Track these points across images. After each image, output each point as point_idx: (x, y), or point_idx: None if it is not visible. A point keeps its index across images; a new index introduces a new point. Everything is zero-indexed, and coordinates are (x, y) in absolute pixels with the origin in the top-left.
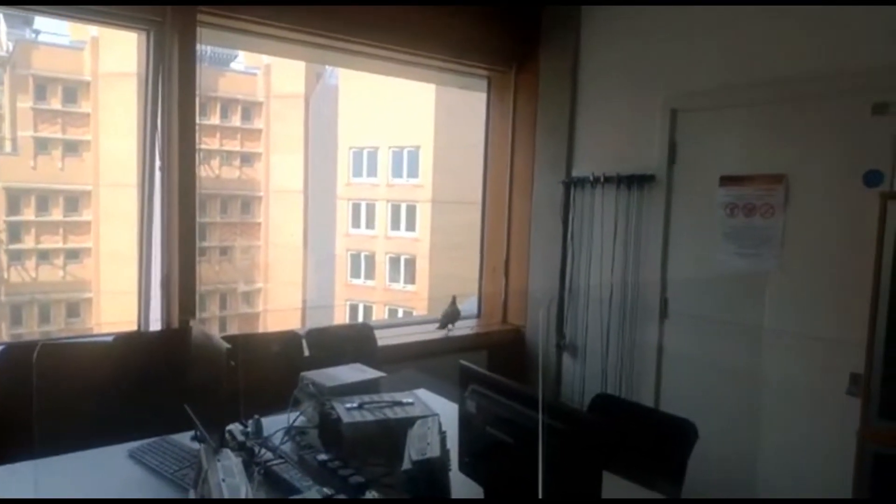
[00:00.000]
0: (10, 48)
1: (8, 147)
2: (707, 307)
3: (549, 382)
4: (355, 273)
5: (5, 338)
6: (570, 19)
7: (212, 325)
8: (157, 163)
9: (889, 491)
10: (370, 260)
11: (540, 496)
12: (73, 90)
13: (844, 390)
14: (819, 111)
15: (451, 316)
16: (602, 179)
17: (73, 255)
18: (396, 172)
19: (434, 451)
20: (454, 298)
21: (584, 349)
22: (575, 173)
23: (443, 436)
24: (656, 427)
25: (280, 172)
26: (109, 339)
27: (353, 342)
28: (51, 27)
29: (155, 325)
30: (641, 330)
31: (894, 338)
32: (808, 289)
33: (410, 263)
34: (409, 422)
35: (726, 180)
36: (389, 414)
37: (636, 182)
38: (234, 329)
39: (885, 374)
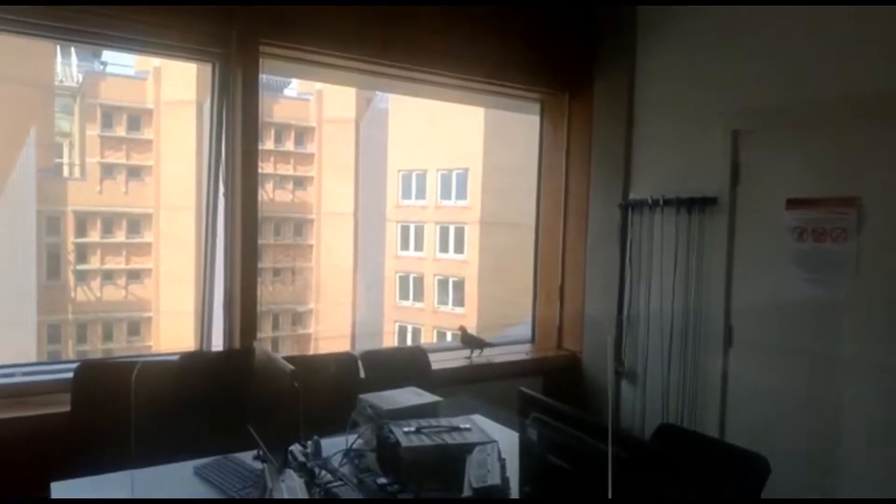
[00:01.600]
0: (80, 79)
1: (77, 172)
2: (776, 335)
3: (606, 410)
4: (404, 295)
5: (71, 355)
6: (626, 41)
7: (266, 345)
8: (221, 188)
9: None
10: (419, 282)
11: None
12: (137, 118)
13: None
14: (893, 130)
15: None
16: (661, 202)
17: (134, 275)
18: (445, 195)
19: (494, 479)
20: (462, 329)
21: (643, 377)
22: (632, 196)
23: (502, 463)
24: (725, 460)
25: (331, 195)
26: (175, 357)
27: (407, 365)
28: (117, 59)
29: (215, 345)
30: (705, 358)
31: None
32: (884, 316)
33: (459, 286)
34: (468, 448)
35: (793, 203)
36: (448, 439)
37: (697, 205)
38: (286, 349)
39: None
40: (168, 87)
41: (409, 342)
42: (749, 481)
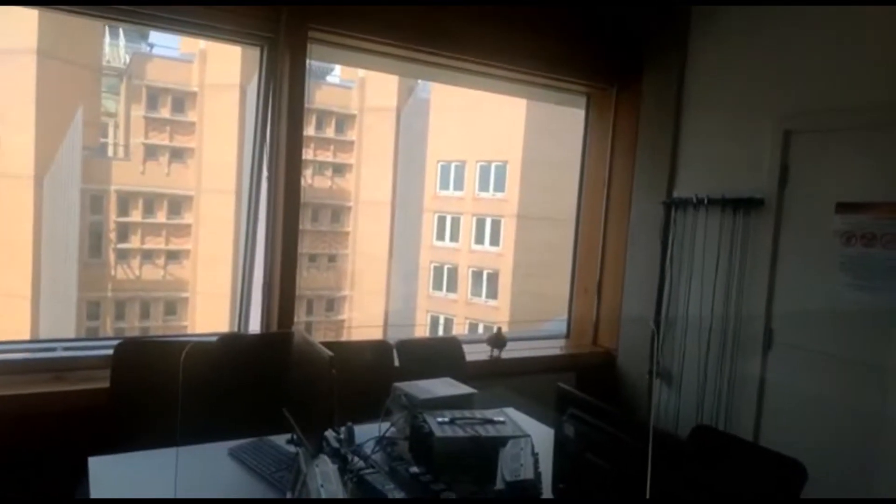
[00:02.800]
0: (127, 60)
1: (121, 152)
2: (818, 340)
3: (641, 409)
4: (437, 285)
5: (109, 331)
6: (677, 37)
7: (303, 330)
8: (265, 172)
9: None
10: (453, 273)
11: None
12: (181, 100)
13: None
14: None
15: (498, 342)
16: (706, 201)
17: (173, 256)
18: (483, 187)
19: (527, 473)
20: (499, 329)
21: (679, 377)
22: (676, 194)
23: (535, 457)
24: (762, 464)
25: (370, 184)
26: (214, 339)
27: (442, 355)
28: (163, 40)
29: (252, 328)
30: (743, 361)
31: None
32: None
33: (493, 278)
34: (502, 441)
35: (843, 207)
36: (481, 431)
37: (743, 205)
38: (319, 335)
39: None
40: (213, 70)
41: (440, 332)
42: (784, 485)
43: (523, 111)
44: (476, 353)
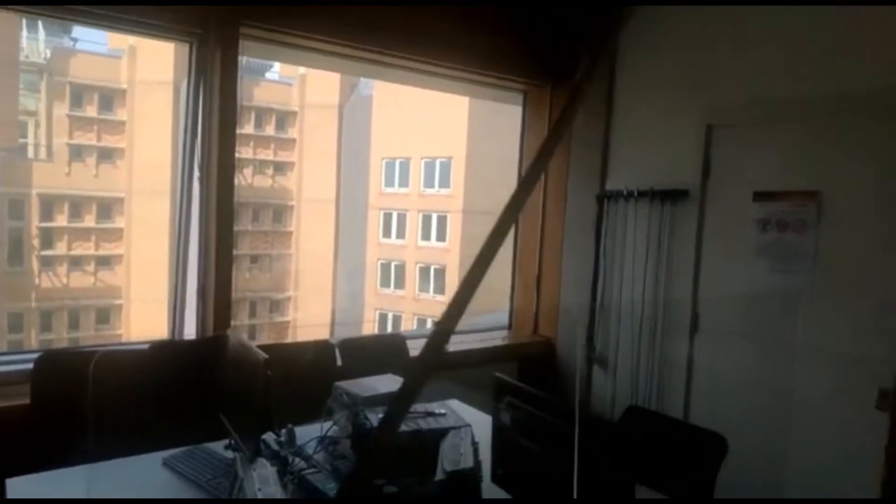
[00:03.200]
0: (48, 55)
1: (43, 153)
2: (738, 323)
3: (580, 394)
4: (385, 282)
5: (35, 344)
6: (608, 36)
7: (241, 333)
8: (196, 172)
9: None
10: (400, 269)
11: None
12: (110, 98)
13: (874, 406)
14: (856, 128)
15: None
16: (636, 194)
17: (104, 261)
18: (428, 183)
19: (467, 462)
20: None
21: (614, 362)
22: (609, 187)
23: (475, 446)
24: (687, 440)
25: (312, 182)
26: (145, 346)
27: (386, 352)
28: (89, 35)
29: (189, 332)
30: (672, 344)
31: None
32: (838, 305)
33: (440, 273)
34: (442, 432)
35: (760, 196)
36: (422, 424)
37: (670, 197)
38: (263, 337)
39: None
40: (143, 66)
41: (389, 329)
42: (707, 459)
43: (466, 107)
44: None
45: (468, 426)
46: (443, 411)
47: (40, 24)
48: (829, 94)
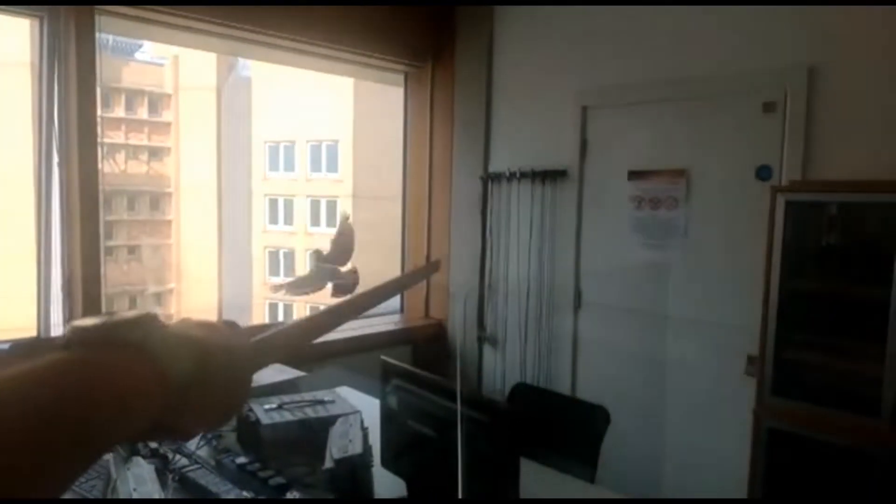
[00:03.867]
0: None
1: None
2: (617, 297)
3: (470, 374)
4: (274, 271)
5: None
6: (483, 17)
7: None
8: (55, 158)
9: (782, 462)
10: (290, 257)
11: (460, 486)
12: None
13: (742, 371)
14: (716, 109)
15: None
16: (518, 175)
17: None
18: (315, 167)
19: (356, 449)
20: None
21: (503, 341)
22: (492, 168)
23: (364, 432)
24: (572, 414)
25: (191, 167)
26: (5, 346)
27: None
28: None
29: (56, 330)
30: (558, 320)
31: (784, 321)
32: (708, 277)
33: None
34: (331, 420)
35: (634, 174)
36: (310, 413)
37: (550, 177)
38: None
39: (776, 356)
40: None
41: (280, 319)
42: (591, 430)
43: (351, 89)
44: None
45: (358, 412)
46: (331, 399)
47: None
48: (694, 76)
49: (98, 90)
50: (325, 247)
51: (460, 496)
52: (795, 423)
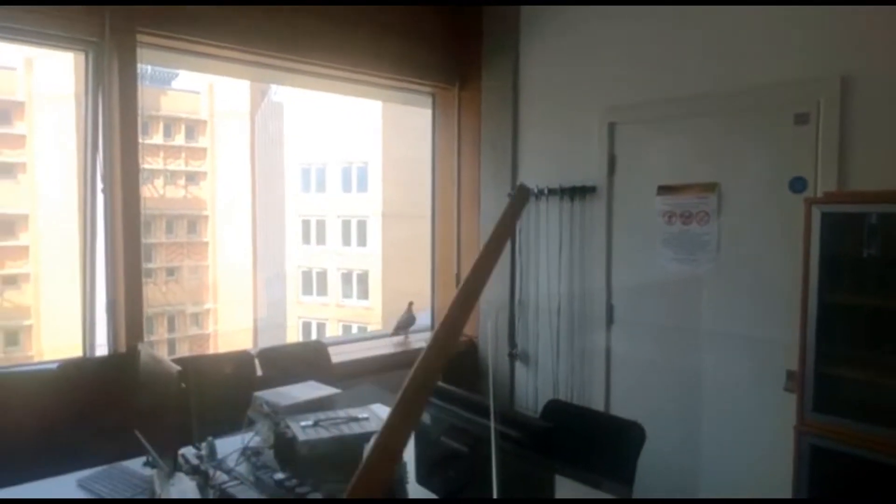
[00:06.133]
0: None
1: None
2: (649, 313)
3: (502, 391)
4: (307, 290)
5: None
6: (509, 36)
7: (160, 347)
8: (99, 185)
9: (824, 480)
10: (322, 276)
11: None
12: (7, 112)
13: (782, 387)
14: (747, 123)
15: (406, 322)
16: (546, 192)
17: (10, 281)
18: (346, 188)
19: None
20: (410, 305)
21: (535, 357)
22: None
23: None
24: (606, 430)
25: (226, 190)
26: (54, 366)
27: (306, 360)
28: None
29: (101, 350)
30: (590, 337)
31: (824, 336)
32: (743, 292)
33: (363, 278)
34: (366, 437)
35: (663, 189)
36: (345, 430)
37: (578, 193)
38: (184, 351)
39: (817, 371)
40: (42, 77)
41: (313, 337)
42: (627, 447)
43: (379, 111)
44: (352, 352)
45: None
46: (366, 416)
47: None
48: (723, 91)
49: (139, 119)
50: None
51: None
52: (838, 440)
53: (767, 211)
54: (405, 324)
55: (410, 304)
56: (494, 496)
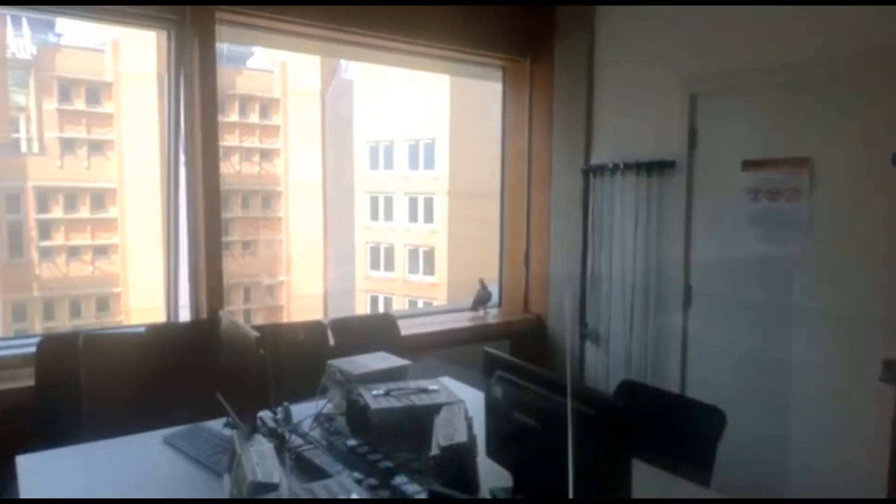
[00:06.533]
0: (34, 52)
1: (36, 147)
2: (733, 293)
3: (573, 370)
4: (374, 265)
5: (38, 331)
6: (584, 7)
7: (237, 316)
8: (182, 160)
9: None
10: (389, 252)
11: (569, 481)
12: (97, 91)
13: (878, 377)
14: (842, 93)
15: (483, 298)
16: (622, 167)
17: (101, 251)
18: (413, 165)
19: (461, 437)
20: (482, 281)
21: (606, 337)
22: (594, 161)
23: (469, 421)
24: (684, 414)
25: (299, 167)
26: (142, 329)
27: (376, 331)
28: (72, 30)
29: (183, 316)
30: (665, 316)
31: None
32: (835, 272)
33: (429, 255)
34: (436, 408)
35: (748, 164)
36: (416, 400)
37: (656, 168)
38: (259, 320)
39: None
40: (128, 58)
41: (381, 310)
42: (706, 433)
43: (447, 87)
44: (419, 326)
45: (461, 401)
46: (436, 387)
47: (25, 21)
48: (812, 60)
49: (218, 97)
50: None
51: (570, 495)
52: None
53: (866, 186)
54: (483, 299)
55: (482, 280)
56: (569, 475)
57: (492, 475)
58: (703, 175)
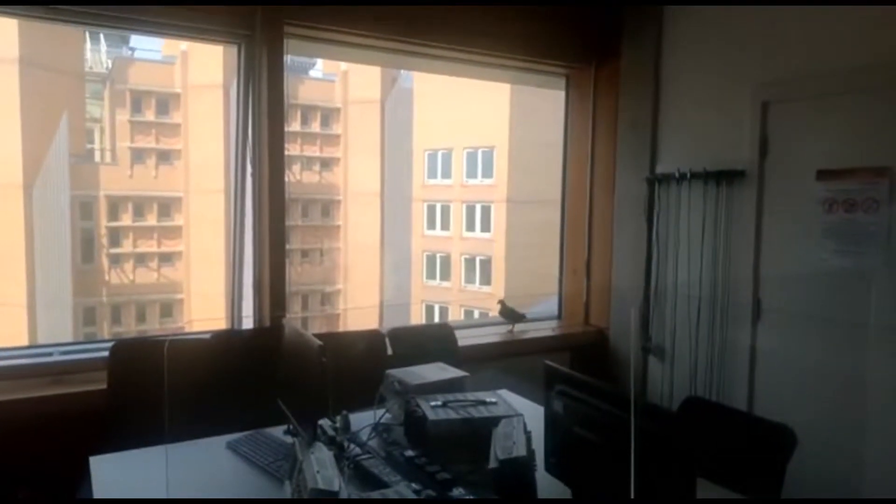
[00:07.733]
0: (110, 65)
1: (108, 157)
2: (805, 308)
3: (635, 385)
4: (431, 274)
5: (106, 336)
6: (652, 12)
7: (294, 322)
8: (249, 169)
9: None
10: (445, 261)
11: (631, 499)
12: (166, 102)
13: None
14: None
15: (509, 315)
16: (688, 175)
17: (166, 258)
18: (471, 173)
19: (520, 451)
20: (502, 302)
21: (671, 352)
22: (659, 170)
23: (528, 435)
24: (752, 432)
25: (357, 176)
26: (207, 336)
27: (434, 341)
28: (145, 44)
29: (246, 323)
30: (733, 331)
31: None
32: None
33: (486, 264)
34: (494, 421)
35: (823, 174)
36: (474, 413)
37: (725, 178)
38: (316, 328)
39: None
40: (195, 70)
41: (436, 320)
42: (775, 451)
43: (507, 95)
44: (477, 337)
45: (520, 415)
46: (494, 400)
47: (101, 36)
48: (889, 61)
49: (285, 108)
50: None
51: None
52: None
53: None
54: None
55: (501, 301)
56: (631, 493)
57: (550, 490)
58: (774, 185)
